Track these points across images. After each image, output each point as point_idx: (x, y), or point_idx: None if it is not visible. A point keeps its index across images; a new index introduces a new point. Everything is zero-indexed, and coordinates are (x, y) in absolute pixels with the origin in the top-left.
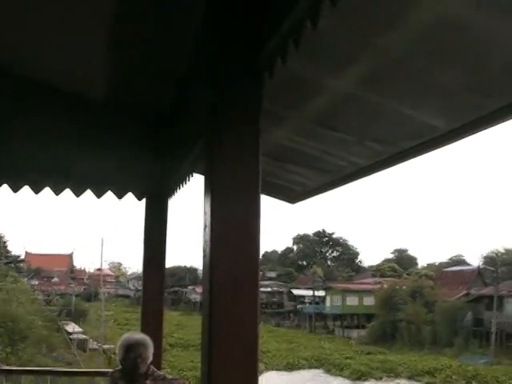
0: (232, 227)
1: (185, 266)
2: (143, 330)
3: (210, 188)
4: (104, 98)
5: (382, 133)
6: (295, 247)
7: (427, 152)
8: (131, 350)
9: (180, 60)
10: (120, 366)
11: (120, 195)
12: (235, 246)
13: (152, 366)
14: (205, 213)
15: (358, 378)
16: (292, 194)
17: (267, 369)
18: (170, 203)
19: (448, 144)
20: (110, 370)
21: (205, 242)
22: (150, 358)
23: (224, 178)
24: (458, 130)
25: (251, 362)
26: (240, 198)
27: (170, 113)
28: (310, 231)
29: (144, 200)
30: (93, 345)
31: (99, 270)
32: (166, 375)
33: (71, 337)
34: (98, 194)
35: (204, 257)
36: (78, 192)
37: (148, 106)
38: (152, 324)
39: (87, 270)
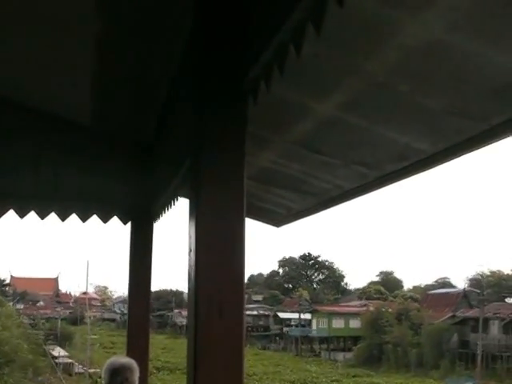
0: (217, 251)
1: (170, 290)
2: (129, 354)
3: (195, 212)
4: (89, 123)
5: (366, 156)
6: (281, 270)
7: (412, 175)
8: (117, 374)
9: (164, 85)
10: None
11: (105, 219)
12: (220, 270)
13: None
14: (189, 237)
15: None
16: (277, 217)
17: None
18: (155, 227)
19: (433, 167)
20: None
21: (189, 266)
22: (136, 382)
23: (209, 202)
24: (442, 153)
25: (237, 373)
26: (225, 222)
27: (154, 137)
28: (296, 254)
29: (129, 224)
30: (79, 369)
31: (85, 293)
32: None
33: (57, 361)
34: (84, 218)
35: (189, 281)
36: (63, 216)
37: (132, 130)
38: (138, 347)
39: (73, 294)
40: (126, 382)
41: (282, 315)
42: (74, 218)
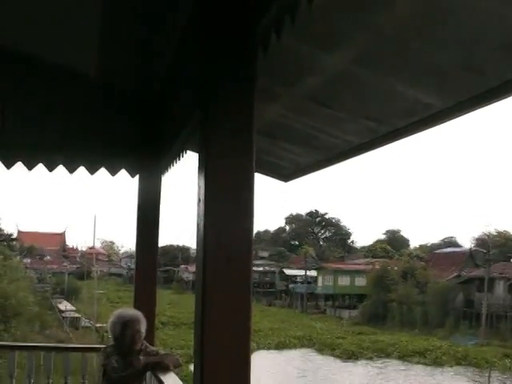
0: (226, 202)
1: (177, 245)
2: (136, 308)
3: (204, 163)
4: (96, 75)
5: (375, 111)
6: (288, 227)
7: (421, 130)
8: (128, 326)
9: (173, 36)
10: (112, 342)
11: (113, 172)
12: (229, 221)
13: (145, 342)
14: (199, 187)
15: (349, 358)
16: (285, 172)
17: (259, 348)
18: (163, 180)
19: (442, 122)
20: (103, 345)
21: (198, 215)
22: (144, 334)
23: (218, 154)
24: (452, 109)
25: (244, 340)
26: (234, 175)
27: (163, 90)
28: (303, 211)
29: (137, 177)
30: (85, 323)
31: (92, 248)
32: (158, 350)
33: (64, 315)
34: (91, 171)
35: (198, 231)
36: (71, 168)
37: (141, 84)
38: (145, 302)
39: (79, 249)
40: (138, 334)
41: (287, 272)
42: (81, 170)
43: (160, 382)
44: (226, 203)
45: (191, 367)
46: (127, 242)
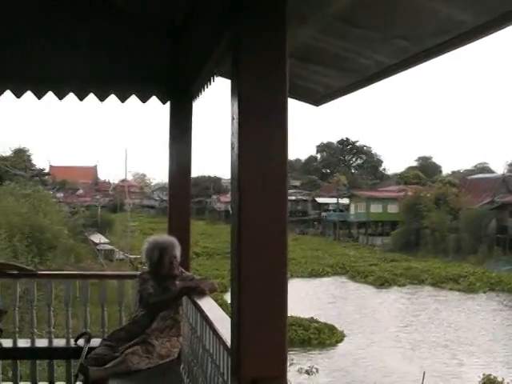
0: (260, 124)
1: (208, 176)
2: None
3: (237, 87)
4: (123, 3)
5: (407, 29)
6: (319, 155)
7: (454, 49)
8: (165, 251)
9: None
10: (148, 268)
11: (144, 99)
12: (263, 142)
13: (181, 267)
14: (232, 105)
15: (382, 285)
16: (316, 96)
17: (292, 276)
18: (194, 106)
19: (475, 40)
20: (138, 272)
21: (232, 134)
22: (179, 259)
23: (250, 78)
24: (485, 25)
25: (281, 266)
26: (267, 97)
27: (190, 14)
28: (334, 139)
29: (168, 105)
30: (119, 255)
31: (124, 181)
32: (194, 276)
33: (98, 247)
34: (122, 98)
35: (232, 149)
36: (102, 97)
37: (167, 8)
38: (179, 232)
39: (111, 182)
40: (175, 259)
41: (320, 200)
42: (112, 99)
43: (196, 306)
44: (260, 124)
45: (225, 296)
46: (159, 173)
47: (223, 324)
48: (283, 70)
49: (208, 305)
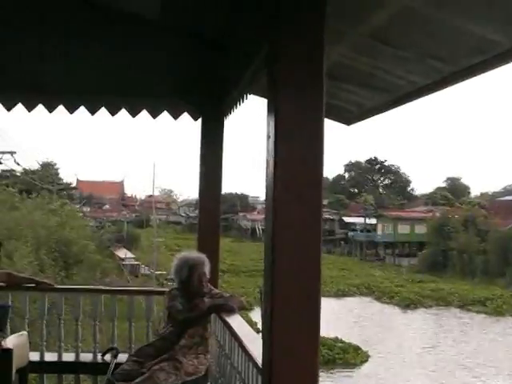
0: (296, 142)
1: (235, 193)
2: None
3: (274, 105)
4: (158, 17)
5: (441, 49)
6: (347, 174)
7: (488, 70)
8: (195, 268)
9: None
10: (177, 285)
11: (175, 115)
12: (300, 163)
13: (209, 284)
14: (268, 124)
15: (408, 306)
16: (348, 115)
17: None
18: (225, 124)
19: (509, 62)
20: (166, 288)
21: (268, 152)
22: (209, 276)
23: (289, 97)
24: None
25: (314, 285)
26: (305, 117)
27: (225, 32)
28: (362, 158)
29: (199, 121)
30: (145, 270)
31: (150, 196)
32: (222, 293)
33: (123, 262)
34: (154, 115)
35: (267, 168)
36: (133, 112)
37: (203, 25)
38: (209, 249)
39: (138, 197)
40: (204, 276)
41: (347, 219)
42: (144, 114)
43: (225, 323)
44: (296, 143)
45: (251, 315)
46: (186, 189)
47: (253, 342)
48: (321, 87)
49: (237, 322)
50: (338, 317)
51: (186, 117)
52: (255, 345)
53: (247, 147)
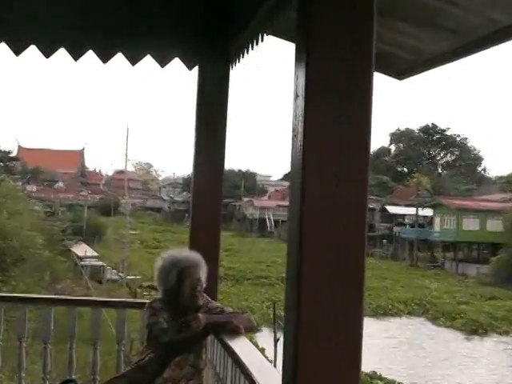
0: (334, 102)
1: (239, 171)
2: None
3: (305, 50)
4: None
5: None
6: (393, 147)
7: None
8: (186, 273)
9: None
10: (161, 295)
11: (163, 62)
12: (340, 131)
13: (205, 295)
14: (296, 78)
15: (475, 331)
16: (402, 66)
17: None
18: (231, 75)
19: None
20: (145, 300)
21: (295, 117)
22: (205, 284)
23: (326, 42)
24: None
25: (356, 300)
26: (349, 70)
27: None
28: (415, 125)
29: (196, 70)
30: (112, 274)
31: (121, 172)
32: (224, 308)
33: (82, 263)
34: (133, 60)
35: (294, 138)
36: (104, 56)
37: None
38: (205, 244)
39: (104, 173)
40: (199, 285)
41: (392, 210)
42: (119, 59)
43: (227, 349)
44: (335, 105)
45: (257, 337)
46: (170, 164)
47: (267, 376)
48: (370, 28)
49: (244, 348)
50: (378, 344)
51: (176, 64)
52: (270, 380)
53: (259, 108)
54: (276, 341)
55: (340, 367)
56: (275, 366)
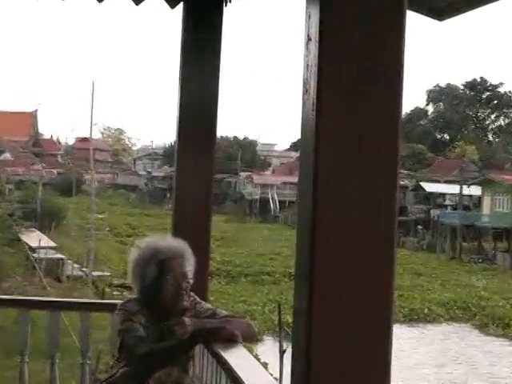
0: (359, 54)
1: (235, 139)
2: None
3: None
4: None
5: None
6: (431, 108)
7: None
8: (170, 266)
9: None
10: (137, 295)
11: None
12: (361, 80)
13: (193, 294)
14: (308, 17)
15: None
16: (442, 2)
17: None
18: (225, 14)
19: None
20: (118, 300)
21: (308, 64)
22: (192, 280)
23: None
24: None
25: (383, 290)
26: (374, 7)
27: None
28: (459, 80)
29: (180, 7)
30: (73, 270)
31: (85, 140)
32: (216, 310)
33: (36, 255)
34: None
35: (305, 94)
36: None
37: None
38: (191, 234)
39: (63, 142)
40: (185, 281)
41: (429, 187)
42: None
43: (221, 362)
44: (357, 52)
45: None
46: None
47: None
48: None
49: (242, 361)
50: (409, 356)
51: (155, 1)
52: None
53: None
54: (282, 353)
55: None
56: None
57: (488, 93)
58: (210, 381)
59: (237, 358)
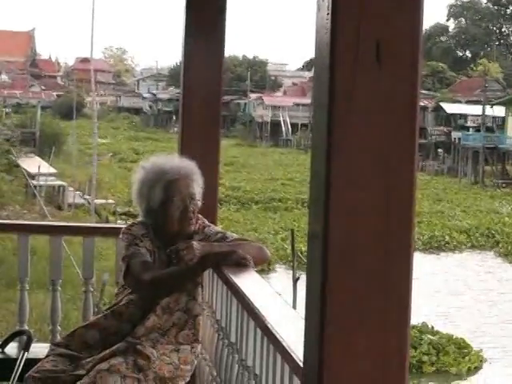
0: None
1: (244, 58)
2: None
3: None
4: None
5: None
6: (452, 24)
7: None
8: (176, 188)
9: None
10: (142, 218)
11: None
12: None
13: (201, 217)
14: None
15: None
16: None
17: None
18: None
19: None
20: (121, 225)
21: None
22: (200, 202)
23: None
24: None
25: (404, 217)
26: None
27: None
28: None
29: None
30: (75, 198)
31: (86, 61)
32: (226, 233)
33: (35, 182)
34: None
35: (318, 12)
36: None
37: None
38: (199, 157)
39: (63, 63)
40: (193, 203)
41: (449, 108)
42: None
43: (232, 288)
44: None
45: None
46: (150, 50)
47: (285, 324)
48: None
49: (255, 286)
50: (430, 285)
51: None
52: (289, 330)
53: None
54: (295, 280)
55: (385, 312)
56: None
57: None
58: (220, 308)
59: (248, 283)
